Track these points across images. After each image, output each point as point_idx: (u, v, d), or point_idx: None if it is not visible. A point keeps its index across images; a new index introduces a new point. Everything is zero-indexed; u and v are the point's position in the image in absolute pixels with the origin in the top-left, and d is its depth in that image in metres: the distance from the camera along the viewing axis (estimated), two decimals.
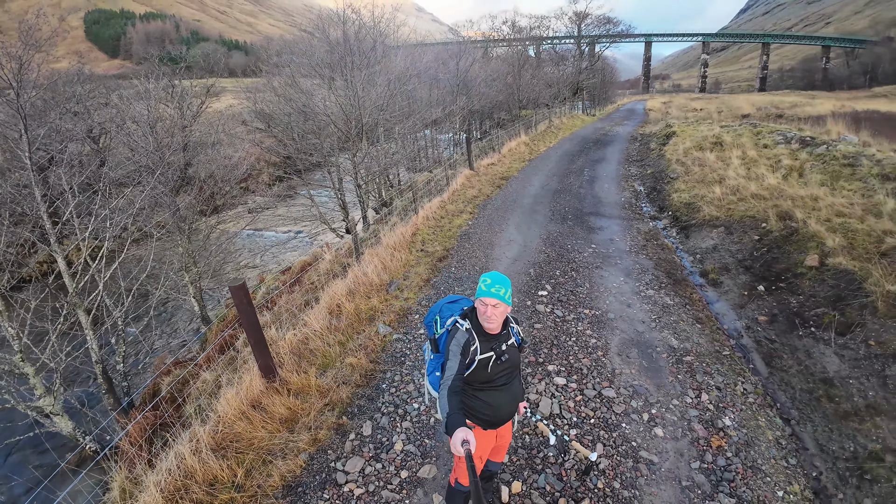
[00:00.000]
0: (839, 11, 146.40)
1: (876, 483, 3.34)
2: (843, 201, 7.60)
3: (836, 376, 4.53)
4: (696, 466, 3.52)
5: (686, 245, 9.26)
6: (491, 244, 8.30)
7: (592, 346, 5.16)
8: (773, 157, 11.81)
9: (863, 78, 70.26)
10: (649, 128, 25.95)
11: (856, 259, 5.93)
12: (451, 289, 6.41)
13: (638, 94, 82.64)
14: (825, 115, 20.17)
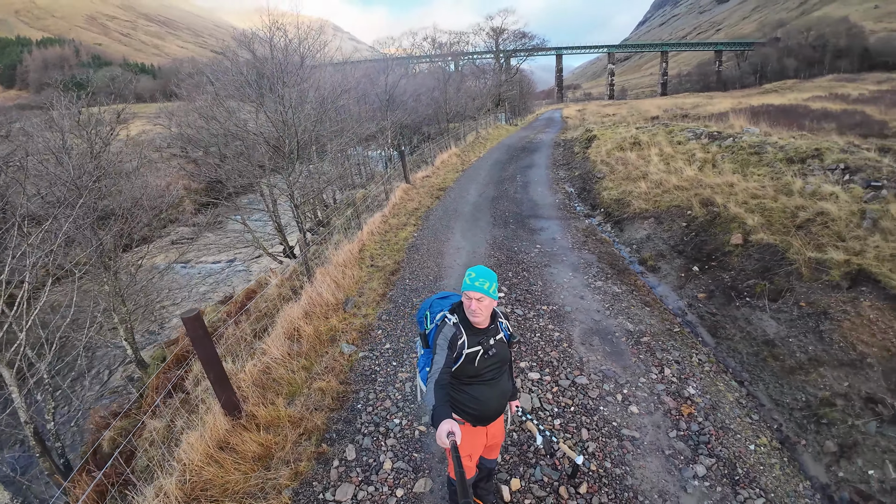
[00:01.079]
0: (728, 18, 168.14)
1: (833, 425, 3.84)
2: (755, 185, 8.67)
3: (777, 337, 5.14)
4: (673, 435, 3.82)
5: (622, 237, 9.99)
6: (440, 253, 8.43)
7: (557, 339, 5.42)
8: (687, 151, 13.18)
9: (753, 77, 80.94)
10: (570, 133, 27.83)
11: (775, 234, 6.79)
12: (409, 301, 6.42)
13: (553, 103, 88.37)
14: (725, 111, 22.99)
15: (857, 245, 5.59)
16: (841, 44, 71.00)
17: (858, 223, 6.08)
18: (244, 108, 10.15)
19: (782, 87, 58.91)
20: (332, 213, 10.43)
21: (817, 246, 6.07)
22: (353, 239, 8.09)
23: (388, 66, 20.16)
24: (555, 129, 32.86)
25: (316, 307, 5.62)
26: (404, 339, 5.37)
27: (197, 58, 54.56)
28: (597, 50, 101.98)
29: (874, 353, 4.19)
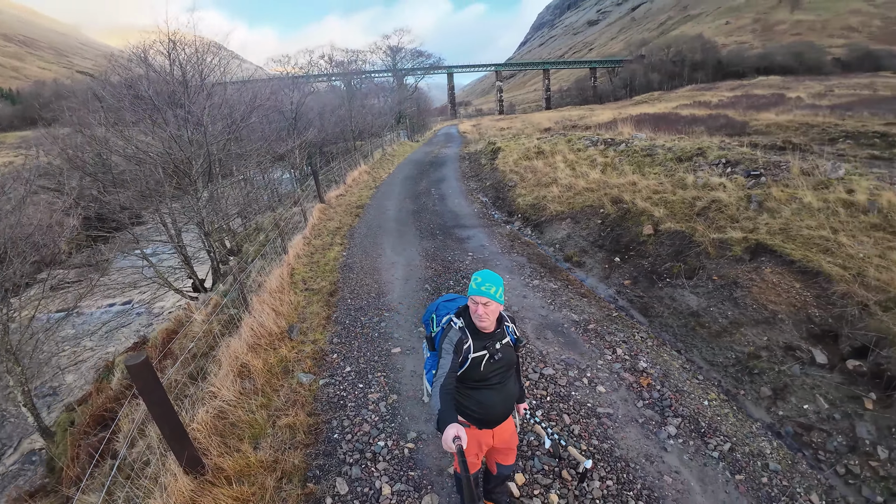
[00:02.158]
0: (599, 39, 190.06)
1: (763, 374, 4.58)
2: (654, 182, 9.97)
3: (699, 309, 5.98)
4: (641, 405, 4.29)
5: (544, 239, 10.78)
6: (376, 270, 8.40)
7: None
8: (588, 157, 14.66)
9: (624, 90, 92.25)
10: (472, 147, 29.31)
11: (680, 222, 7.89)
12: (357, 321, 6.31)
13: (448, 119, 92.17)
14: (610, 121, 25.98)
15: (750, 224, 6.75)
16: (697, 58, 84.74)
17: (746, 206, 7.34)
18: (140, 128, 9.19)
19: (650, 98, 68.30)
20: (244, 241, 9.80)
21: (717, 228, 7.20)
22: (279, 263, 7.72)
23: (293, 84, 19.61)
24: (456, 144, 34.34)
25: (260, 339, 5.28)
26: (364, 360, 5.27)
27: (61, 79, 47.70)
28: (485, 68, 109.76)
29: (783, 310, 5.11)
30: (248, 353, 4.93)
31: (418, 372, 4.97)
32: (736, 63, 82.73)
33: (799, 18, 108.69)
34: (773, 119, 19.70)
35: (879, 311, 4.30)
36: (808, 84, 45.96)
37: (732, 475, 3.43)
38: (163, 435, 3.36)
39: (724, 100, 35.74)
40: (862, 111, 18.41)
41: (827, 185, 6.79)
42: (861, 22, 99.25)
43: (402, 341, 5.69)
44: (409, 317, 6.39)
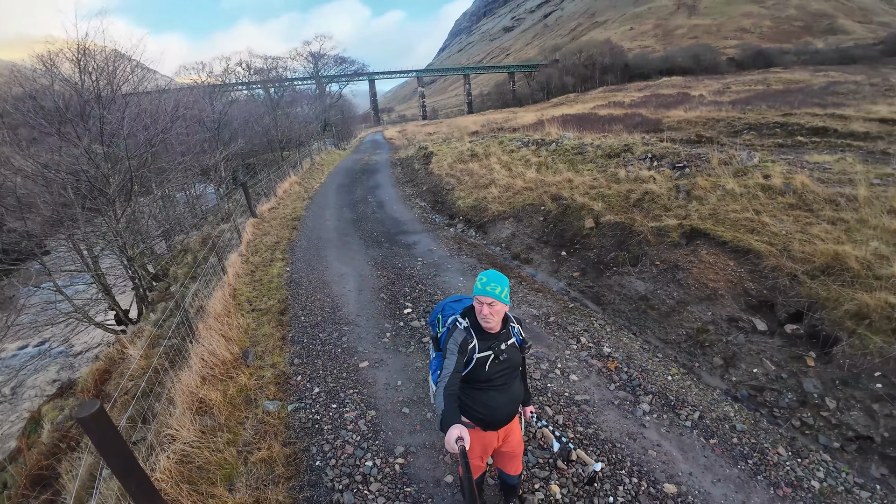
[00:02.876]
0: (515, 45, 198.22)
1: (712, 346, 5.05)
2: (589, 178, 10.61)
3: (647, 293, 6.47)
4: (613, 388, 4.57)
5: (489, 239, 11.06)
6: (325, 283, 8.18)
7: None
8: (522, 158, 15.27)
9: (542, 93, 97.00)
10: (403, 153, 29.43)
11: (619, 214, 8.46)
12: (315, 339, 6.10)
13: (371, 126, 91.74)
14: (534, 122, 27.23)
15: (682, 212, 7.42)
16: (606, 61, 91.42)
17: (676, 196, 8.05)
18: (47, 144, 8.11)
19: (567, 99, 72.51)
20: (170, 263, 9.08)
21: (653, 217, 7.83)
22: (219, 285, 7.27)
23: (212, 94, 18.40)
24: (385, 151, 34.28)
25: (214, 369, 4.93)
26: (331, 378, 5.09)
27: None
28: (406, 74, 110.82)
29: (722, 286, 5.67)
30: (202, 387, 4.59)
31: (392, 384, 4.90)
32: (641, 66, 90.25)
33: (695, 23, 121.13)
34: (683, 116, 21.77)
35: (807, 280, 4.93)
36: (707, 83, 51.18)
37: (707, 440, 3.78)
38: (128, 492, 3.05)
39: (636, 99, 38.69)
40: (759, 105, 20.93)
41: (745, 173, 7.64)
42: (753, 23, 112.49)
43: (368, 354, 5.58)
44: (370, 329, 6.28)
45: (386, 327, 6.27)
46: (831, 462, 3.55)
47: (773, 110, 18.35)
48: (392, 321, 6.47)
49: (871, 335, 4.09)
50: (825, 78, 36.10)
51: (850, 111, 15.63)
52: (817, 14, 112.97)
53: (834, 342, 4.35)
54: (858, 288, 4.50)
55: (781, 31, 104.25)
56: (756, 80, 41.45)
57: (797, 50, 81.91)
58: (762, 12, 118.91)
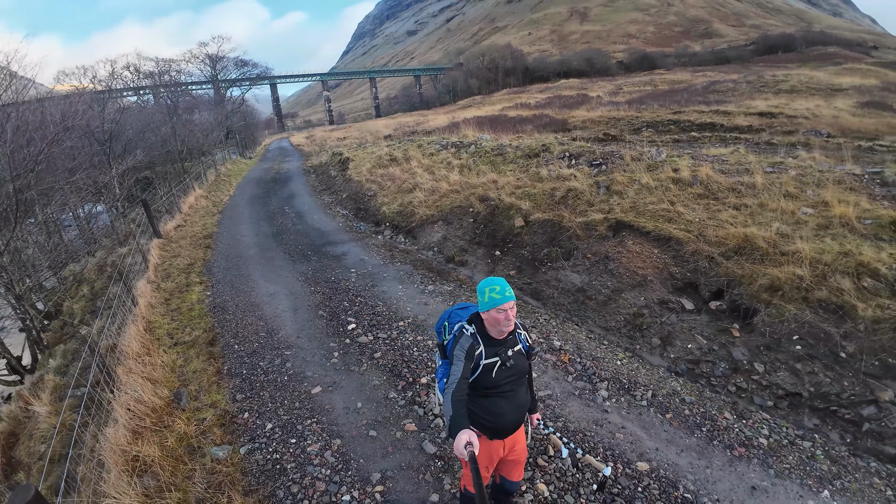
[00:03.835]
0: (419, 48, 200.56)
1: (649, 328, 5.50)
2: (513, 178, 11.04)
3: (583, 284, 6.89)
4: (571, 380, 4.82)
5: (419, 244, 11.10)
6: (255, 305, 7.68)
7: (434, 346, 5.83)
8: (442, 160, 15.49)
9: (448, 96, 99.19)
10: (315, 160, 28.60)
11: (546, 211, 8.90)
12: (255, 368, 5.65)
13: (276, 132, 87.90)
14: (446, 125, 27.72)
15: (606, 206, 7.99)
16: (508, 64, 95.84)
17: (597, 191, 8.65)
18: None
19: (473, 101, 74.85)
20: (63, 298, 7.94)
21: (580, 213, 8.35)
22: (131, 319, 6.52)
23: (100, 101, 16.24)
24: (295, 158, 33.02)
25: (144, 419, 4.39)
26: (283, 410, 4.74)
27: None
28: (310, 78, 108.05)
29: (650, 273, 6.21)
30: (135, 442, 4.08)
31: (352, 407, 4.69)
32: (541, 69, 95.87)
33: (587, 29, 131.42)
34: (587, 115, 23.48)
35: (724, 261, 5.57)
36: (601, 84, 55.62)
37: (664, 415, 4.13)
38: None
39: (540, 101, 40.92)
40: (652, 104, 23.22)
41: (656, 168, 8.43)
42: (638, 29, 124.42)
43: (318, 378, 5.28)
44: (314, 350, 5.96)
45: (332, 347, 6.00)
46: (771, 420, 4.07)
47: (664, 109, 20.47)
48: (337, 339, 6.21)
49: (785, 304, 4.72)
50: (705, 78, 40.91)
51: (732, 107, 17.91)
52: (695, 20, 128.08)
53: (753, 313, 4.96)
54: (768, 264, 5.18)
55: (663, 36, 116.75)
56: (644, 82, 45.85)
57: (678, 53, 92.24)
58: (646, 19, 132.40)
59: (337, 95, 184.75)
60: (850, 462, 3.60)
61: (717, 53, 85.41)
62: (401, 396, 4.77)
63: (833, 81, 26.09)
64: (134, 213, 12.46)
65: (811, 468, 3.59)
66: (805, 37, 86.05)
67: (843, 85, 24.20)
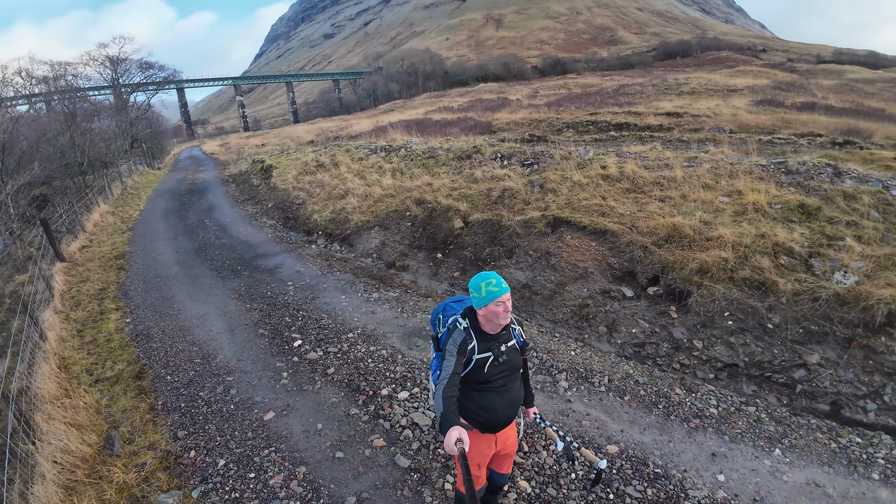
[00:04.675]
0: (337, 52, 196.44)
1: (595, 317, 5.75)
2: (447, 180, 11.12)
3: (528, 280, 7.08)
4: (531, 373, 4.89)
5: (357, 251, 10.86)
6: (185, 329, 7.04)
7: (389, 355, 5.67)
8: (373, 165, 15.27)
9: (369, 100, 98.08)
10: (234, 168, 27.14)
11: (485, 211, 9.05)
12: (196, 399, 5.11)
13: (185, 140, 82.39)
14: (372, 129, 27.39)
15: (542, 204, 8.27)
16: (428, 69, 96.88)
17: (532, 190, 8.93)
18: None
19: (395, 106, 74.72)
20: None
21: (517, 211, 8.58)
22: (42, 357, 5.73)
23: None
24: (211, 167, 31.06)
25: (76, 471, 3.82)
26: (235, 443, 4.33)
27: None
28: (222, 82, 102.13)
29: (590, 265, 6.51)
30: (69, 500, 3.58)
31: (312, 430, 4.39)
32: (459, 73, 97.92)
33: (503, 35, 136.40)
34: (510, 118, 24.25)
35: (656, 249, 5.97)
36: (518, 88, 57.78)
37: (622, 398, 4.34)
38: None
39: (462, 104, 41.70)
40: (569, 106, 24.49)
41: (585, 165, 8.87)
42: (549, 36, 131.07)
43: (269, 403, 4.89)
44: (260, 373, 5.54)
45: (279, 367, 5.62)
46: (717, 391, 4.42)
47: (581, 110, 21.72)
48: (284, 358, 5.82)
49: (714, 285, 5.15)
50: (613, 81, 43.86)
51: (642, 108, 19.37)
52: (601, 28, 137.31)
53: (687, 295, 5.36)
54: (696, 249, 5.63)
55: (573, 42, 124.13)
56: (559, 85, 48.33)
57: (587, 58, 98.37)
58: (556, 26, 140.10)
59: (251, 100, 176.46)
60: (792, 421, 4.01)
61: (623, 59, 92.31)
62: (363, 412, 4.56)
63: (729, 83, 29.19)
64: (31, 236, 11.00)
65: (760, 430, 3.95)
66: (700, 43, 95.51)
67: (738, 86, 27.17)
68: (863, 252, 4.67)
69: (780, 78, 35.71)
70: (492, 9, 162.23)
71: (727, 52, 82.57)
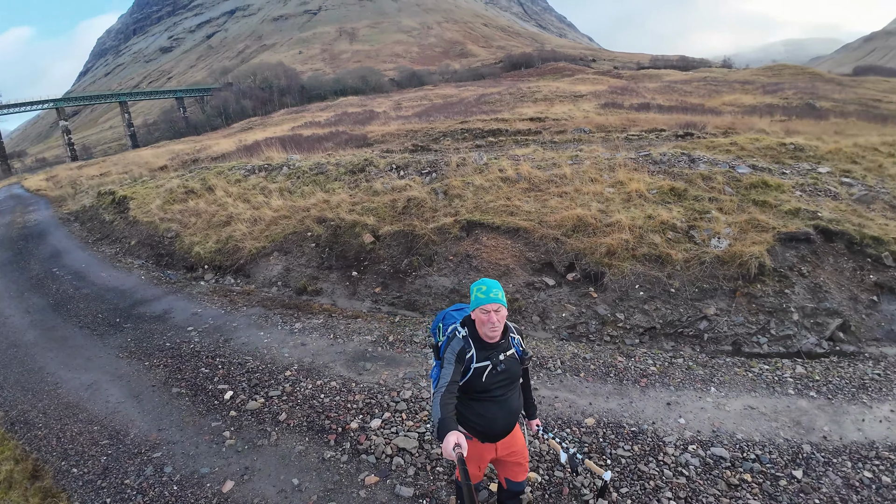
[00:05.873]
0: (177, 67, 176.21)
1: (527, 308, 6.09)
2: (346, 195, 10.79)
3: (454, 286, 7.23)
4: None
5: (257, 282, 10.02)
6: (75, 405, 5.66)
7: (341, 385, 5.22)
8: (255, 186, 14.18)
9: (220, 119, 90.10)
10: (73, 205, 23.26)
11: (394, 223, 8.97)
12: (120, 491, 4.05)
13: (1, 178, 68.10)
14: (235, 149, 25.14)
15: (451, 209, 8.49)
16: (283, 84, 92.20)
17: (437, 197, 9.12)
18: None
19: (253, 123, 69.73)
20: None
21: (428, 219, 8.67)
22: None
23: None
24: (42, 206, 25.87)
25: None
26: None
27: None
28: (41, 106, 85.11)
29: (510, 261, 6.87)
30: None
31: (287, 488, 3.84)
32: (317, 87, 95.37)
33: (357, 48, 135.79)
34: (384, 130, 24.23)
35: (567, 239, 6.53)
36: (380, 101, 57.99)
37: (579, 375, 4.71)
38: None
39: (329, 118, 40.63)
40: (438, 116, 25.24)
41: (482, 170, 9.31)
42: (404, 49, 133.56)
43: (222, 470, 4.16)
44: (194, 438, 4.67)
45: (217, 427, 4.80)
46: (648, 352, 5.02)
47: (450, 120, 22.57)
48: (219, 415, 5.01)
49: (622, 263, 5.82)
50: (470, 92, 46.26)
51: (507, 115, 20.79)
52: (452, 42, 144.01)
53: (601, 276, 5.97)
54: (600, 235, 6.29)
55: (427, 55, 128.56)
56: (419, 97, 49.59)
57: (441, 70, 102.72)
58: (410, 40, 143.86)
59: (78, 125, 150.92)
60: (713, 363, 4.76)
61: (474, 70, 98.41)
62: (339, 452, 4.15)
63: (574, 89, 32.78)
64: None
65: (693, 376, 4.62)
66: (540, 55, 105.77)
67: (583, 92, 30.66)
68: (727, 220, 5.69)
69: (614, 84, 41.14)
70: (344, 22, 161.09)
71: (563, 62, 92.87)
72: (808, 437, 3.82)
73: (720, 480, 3.50)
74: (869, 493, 3.40)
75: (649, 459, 3.69)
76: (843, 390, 4.26)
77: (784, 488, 3.42)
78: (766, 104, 21.61)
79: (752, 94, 25.99)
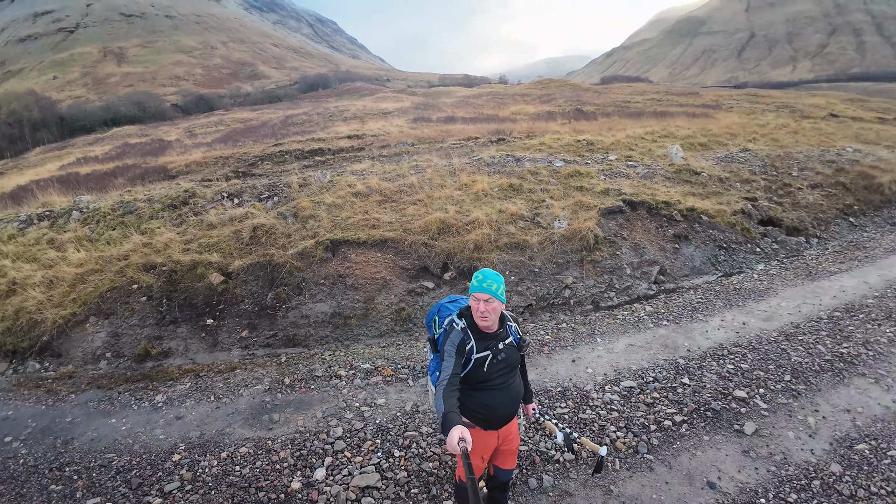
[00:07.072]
0: None
1: (414, 315, 6.06)
2: (173, 234, 9.06)
3: (334, 309, 6.77)
4: (414, 385, 4.87)
5: (77, 359, 7.80)
6: None
7: (253, 448, 4.42)
8: (38, 240, 10.89)
9: None
10: None
11: (246, 256, 7.92)
12: None
13: None
14: None
15: (309, 231, 7.88)
16: (36, 116, 71.09)
17: (287, 221, 8.36)
18: None
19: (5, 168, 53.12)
20: None
21: (285, 246, 7.88)
22: None
23: None
24: None
25: None
26: None
27: None
28: None
29: (385, 273, 6.75)
30: None
31: None
32: (81, 118, 77.31)
33: (128, 71, 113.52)
34: (186, 159, 20.89)
35: (434, 242, 6.70)
36: (166, 129, 49.69)
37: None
38: None
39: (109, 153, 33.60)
40: (245, 140, 22.82)
41: (329, 188, 8.86)
42: (185, 71, 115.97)
43: None
44: None
45: None
46: (536, 325, 5.57)
47: (262, 143, 20.72)
48: None
49: (489, 255, 6.27)
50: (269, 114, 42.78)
51: (323, 134, 19.93)
52: (240, 62, 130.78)
53: (475, 269, 6.30)
54: (464, 233, 6.63)
55: (213, 77, 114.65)
56: (214, 122, 44.02)
57: (232, 94, 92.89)
58: (192, 61, 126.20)
59: None
60: (588, 320, 5.54)
61: (269, 93, 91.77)
62: None
63: (380, 107, 33.17)
64: None
65: (580, 333, 5.47)
66: (336, 75, 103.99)
67: (389, 109, 31.19)
68: (561, 205, 6.59)
69: (414, 101, 42.95)
70: (109, 41, 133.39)
71: (361, 82, 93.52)
72: (678, 354, 4.83)
73: (640, 404, 4.23)
74: (738, 378, 4.51)
75: (584, 408, 4.16)
76: (684, 315, 5.47)
77: (683, 393, 4.24)
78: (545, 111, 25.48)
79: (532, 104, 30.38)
